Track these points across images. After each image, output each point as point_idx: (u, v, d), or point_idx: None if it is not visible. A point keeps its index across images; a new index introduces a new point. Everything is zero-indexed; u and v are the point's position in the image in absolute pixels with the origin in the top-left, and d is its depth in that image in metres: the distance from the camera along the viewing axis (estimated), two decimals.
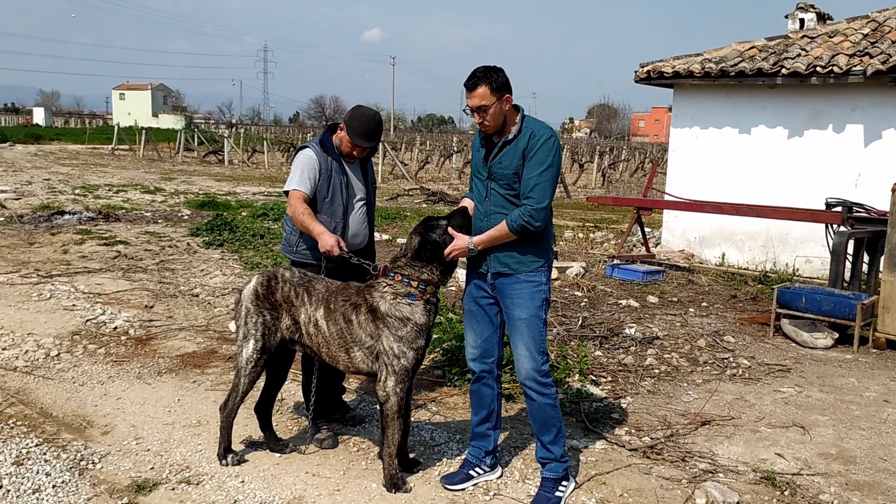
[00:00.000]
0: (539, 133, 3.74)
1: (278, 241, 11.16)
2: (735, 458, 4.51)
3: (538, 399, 3.88)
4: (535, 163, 3.70)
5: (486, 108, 3.69)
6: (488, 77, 3.67)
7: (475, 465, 4.11)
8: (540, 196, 3.69)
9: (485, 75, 3.68)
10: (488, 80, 3.67)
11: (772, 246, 10.64)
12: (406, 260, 3.91)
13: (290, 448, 4.39)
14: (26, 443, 4.34)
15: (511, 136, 3.77)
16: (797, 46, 10.69)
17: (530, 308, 3.82)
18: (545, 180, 3.70)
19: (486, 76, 3.68)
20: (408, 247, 3.95)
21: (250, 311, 4.05)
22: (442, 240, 3.86)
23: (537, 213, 3.69)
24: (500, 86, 3.69)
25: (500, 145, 3.79)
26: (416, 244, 3.90)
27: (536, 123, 3.81)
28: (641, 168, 34.46)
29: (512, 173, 3.75)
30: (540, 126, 3.79)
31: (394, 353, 3.84)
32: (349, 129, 4.40)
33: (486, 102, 3.68)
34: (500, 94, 3.70)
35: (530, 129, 3.76)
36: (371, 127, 4.41)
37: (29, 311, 7.11)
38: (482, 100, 3.68)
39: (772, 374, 6.17)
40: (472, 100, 3.71)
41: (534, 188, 3.69)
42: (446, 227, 3.88)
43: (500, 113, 3.73)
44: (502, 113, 3.74)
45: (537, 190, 3.69)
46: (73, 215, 13.33)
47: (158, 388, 5.35)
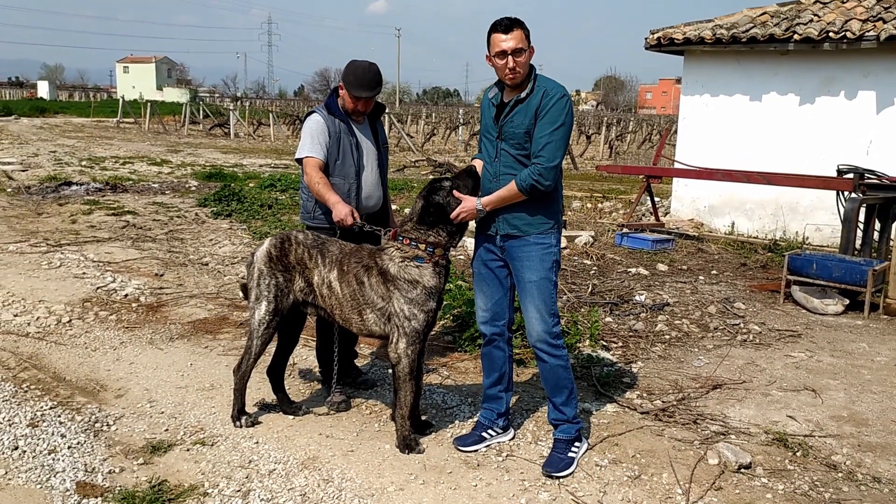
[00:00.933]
0: (552, 91, 3.68)
1: (286, 211, 11.16)
2: (747, 420, 4.51)
3: (550, 361, 3.87)
4: (547, 121, 3.65)
5: (522, 51, 3.62)
6: (521, 23, 3.63)
7: (487, 426, 4.12)
8: (551, 155, 3.64)
9: (520, 21, 3.63)
10: (522, 25, 3.63)
11: (782, 214, 10.58)
12: (412, 224, 3.89)
13: (304, 411, 4.42)
14: (41, 405, 4.37)
15: (524, 94, 3.71)
16: (809, 12, 10.53)
17: (540, 270, 3.79)
18: (557, 139, 3.65)
19: (519, 21, 3.63)
20: (413, 210, 3.93)
21: (263, 272, 4.05)
22: (446, 202, 3.81)
23: (547, 172, 3.64)
24: (529, 34, 3.66)
25: (512, 104, 3.73)
26: (420, 208, 3.87)
27: (549, 82, 3.75)
28: (649, 139, 34.24)
29: (523, 132, 3.70)
30: (553, 85, 3.74)
31: (405, 314, 3.83)
32: (346, 84, 4.36)
33: (523, 45, 3.63)
34: (529, 42, 3.66)
35: (543, 88, 3.70)
36: (367, 77, 4.36)
37: (39, 279, 7.13)
38: (519, 42, 3.61)
39: (782, 340, 6.16)
40: (510, 41, 3.61)
41: (545, 147, 3.64)
42: (450, 189, 3.83)
43: (527, 62, 3.68)
44: (528, 65, 3.69)
45: (548, 149, 3.64)
46: (80, 186, 13.33)
47: (171, 353, 5.37)
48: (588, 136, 31.27)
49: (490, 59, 3.73)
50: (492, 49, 3.68)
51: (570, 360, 4.01)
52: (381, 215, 4.69)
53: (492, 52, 3.69)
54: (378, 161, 4.61)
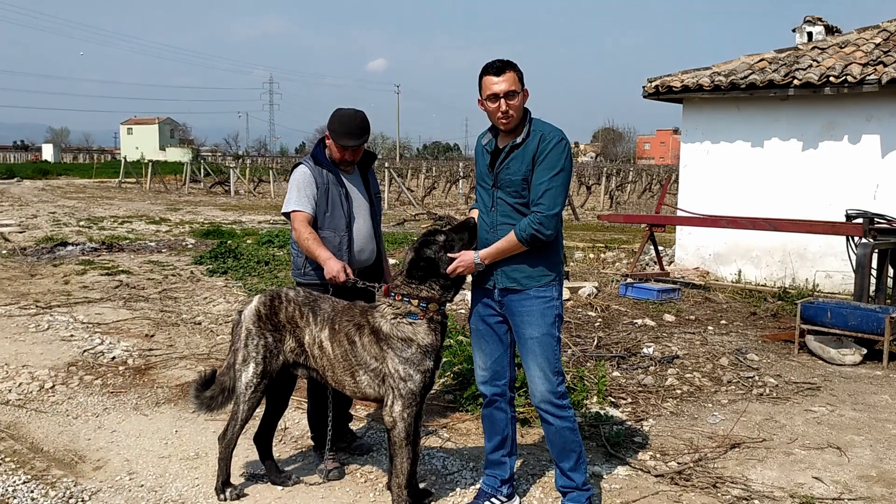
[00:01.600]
0: (549, 135, 3.49)
1: (283, 267, 10.95)
2: (770, 482, 4.21)
3: (555, 423, 3.60)
4: (545, 167, 3.45)
5: (515, 94, 3.45)
6: (514, 65, 3.48)
7: (491, 495, 3.82)
8: (551, 202, 3.43)
9: (510, 62, 3.48)
10: (515, 67, 3.48)
11: (790, 261, 10.35)
12: (402, 278, 3.66)
13: (293, 480, 4.12)
14: (13, 480, 4.08)
15: (519, 139, 3.51)
16: (808, 57, 10.49)
17: (542, 326, 3.55)
18: (557, 185, 3.45)
19: (511, 63, 3.48)
20: (403, 264, 3.71)
21: (251, 332, 3.80)
22: (437, 256, 3.59)
23: (548, 221, 3.43)
24: (522, 76, 3.51)
25: (508, 150, 3.53)
26: (409, 261, 3.65)
27: (546, 126, 3.56)
28: (649, 189, 34.25)
29: (521, 179, 3.49)
30: (550, 128, 3.54)
31: (399, 375, 3.58)
32: (332, 132, 4.19)
33: (516, 88, 3.46)
34: (522, 84, 3.51)
35: (540, 132, 3.51)
36: (353, 125, 4.17)
37: (25, 342, 6.88)
38: (512, 84, 3.45)
39: (801, 393, 5.86)
40: (501, 84, 3.44)
41: (544, 194, 3.43)
42: (443, 243, 3.61)
43: (521, 106, 3.51)
44: (521, 109, 3.52)
45: (548, 196, 3.43)
46: (75, 246, 13.16)
47: (156, 419, 5.09)
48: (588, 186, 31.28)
49: (482, 103, 3.55)
50: (483, 92, 3.50)
51: (577, 420, 3.74)
52: (376, 269, 4.47)
53: (483, 96, 3.51)
54: (370, 212, 4.40)
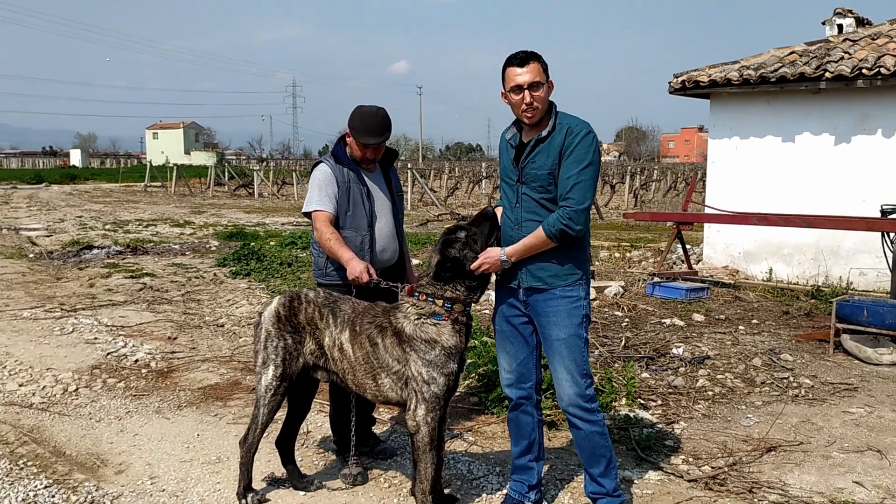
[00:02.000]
0: (577, 128, 3.37)
1: (306, 269, 10.91)
2: (808, 487, 4.04)
3: (584, 427, 3.49)
4: (573, 160, 3.32)
5: (539, 85, 3.33)
6: (538, 55, 3.37)
7: (518, 501, 3.71)
8: (580, 196, 3.30)
9: (537, 54, 3.37)
10: (539, 58, 3.36)
11: (823, 259, 10.10)
12: (428, 279, 3.56)
13: (316, 485, 4.03)
14: (35, 485, 4.04)
15: (545, 132, 3.39)
16: (839, 50, 10.23)
17: (569, 327, 3.43)
18: (585, 179, 3.32)
19: (535, 54, 3.37)
20: (429, 264, 3.60)
21: (271, 334, 3.72)
22: (462, 254, 3.48)
23: (578, 216, 3.30)
24: (547, 67, 3.39)
25: (533, 144, 3.41)
26: (436, 263, 3.54)
27: (572, 119, 3.44)
28: (674, 188, 33.85)
29: (546, 174, 3.37)
30: (577, 121, 3.43)
31: (423, 378, 3.47)
32: (353, 130, 4.10)
33: (541, 79, 3.34)
34: (547, 75, 3.38)
35: (566, 125, 3.39)
36: (375, 122, 4.08)
37: (49, 345, 6.88)
38: (536, 75, 3.33)
39: (837, 394, 5.67)
40: (525, 75, 3.33)
41: (573, 188, 3.31)
42: (466, 240, 3.51)
43: (546, 98, 3.39)
44: (546, 100, 3.40)
45: (577, 190, 3.31)
46: (101, 250, 13.25)
47: (178, 422, 5.03)
48: (612, 185, 30.98)
49: (505, 95, 3.43)
50: (507, 84, 3.39)
51: (606, 423, 3.61)
52: (398, 269, 4.37)
53: (507, 88, 3.39)
54: (393, 211, 4.30)
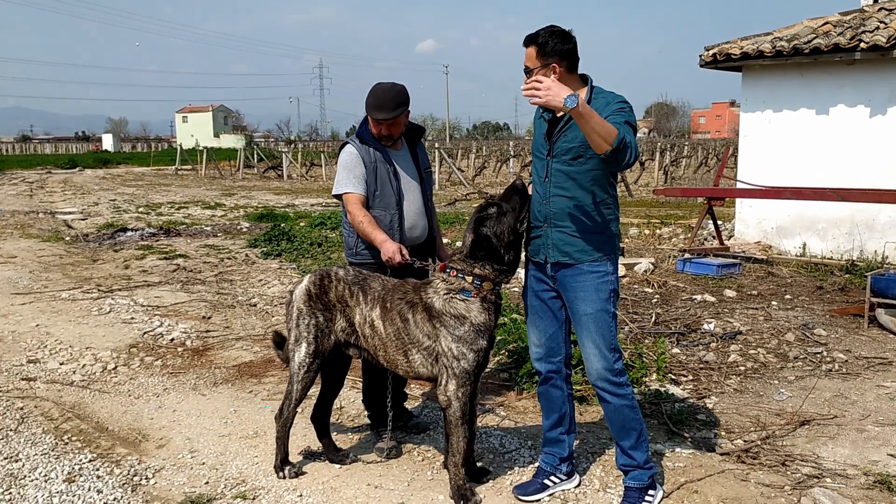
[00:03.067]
0: (612, 98, 3.36)
1: (336, 248, 11.00)
2: (842, 460, 4.03)
3: (613, 401, 3.51)
4: (615, 116, 3.22)
5: (528, 71, 3.36)
6: (542, 38, 3.33)
7: (550, 473, 3.74)
8: (627, 134, 3.12)
9: (538, 36, 3.34)
10: (539, 42, 3.33)
11: (857, 233, 9.93)
12: (460, 255, 3.59)
13: (351, 458, 4.11)
14: (80, 458, 4.17)
15: None
16: (875, 20, 9.99)
17: (596, 301, 3.43)
18: (628, 129, 3.19)
19: (539, 37, 3.34)
20: (464, 243, 3.63)
21: (302, 311, 3.79)
22: (494, 231, 3.50)
23: (624, 144, 3.08)
24: (549, 52, 3.31)
25: (568, 117, 3.37)
26: (472, 241, 3.56)
27: (607, 92, 3.42)
28: (705, 164, 33.41)
29: (579, 145, 3.34)
30: (612, 94, 3.41)
31: (453, 354, 3.51)
32: (367, 107, 4.12)
33: (530, 65, 3.36)
34: (546, 60, 3.32)
35: (603, 97, 3.37)
36: (386, 98, 4.08)
37: (88, 325, 7.04)
38: (527, 60, 3.37)
39: (872, 369, 5.62)
40: (525, 60, 3.38)
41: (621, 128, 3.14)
42: (497, 216, 3.51)
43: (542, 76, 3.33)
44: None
45: (624, 130, 3.14)
46: (135, 232, 13.47)
47: (214, 398, 5.15)
48: (642, 162, 30.64)
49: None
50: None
51: (636, 398, 3.62)
52: (428, 246, 4.40)
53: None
54: (421, 188, 4.32)
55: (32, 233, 13.76)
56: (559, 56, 3.32)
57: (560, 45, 3.32)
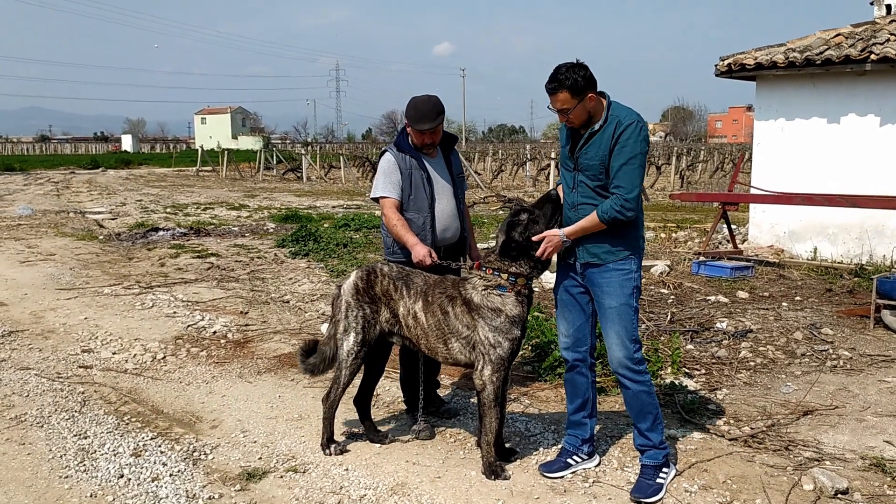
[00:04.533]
0: (625, 121, 3.70)
1: (361, 249, 11.42)
2: (841, 446, 4.38)
3: (632, 386, 3.87)
4: (622, 153, 3.66)
5: (567, 111, 3.70)
6: (569, 80, 3.64)
7: (573, 452, 4.12)
8: (630, 185, 3.67)
9: (566, 78, 3.65)
10: (567, 85, 3.64)
11: (867, 238, 10.24)
12: (495, 255, 3.99)
13: (390, 439, 4.51)
14: (142, 437, 4.58)
15: (597, 126, 3.75)
16: (886, 31, 10.30)
17: (620, 296, 3.81)
18: (634, 167, 3.68)
19: (566, 79, 3.64)
20: (497, 243, 4.02)
21: (351, 304, 4.18)
22: (523, 237, 3.90)
23: (628, 203, 3.66)
24: (581, 87, 3.65)
25: (587, 136, 3.78)
26: (501, 242, 3.96)
27: (622, 111, 3.77)
28: (721, 168, 33.60)
29: (598, 164, 3.73)
30: (626, 113, 3.75)
31: (489, 342, 3.91)
32: (409, 120, 4.50)
33: (568, 106, 3.69)
34: (581, 95, 3.67)
35: (616, 118, 3.71)
36: (426, 109, 4.46)
37: (134, 318, 7.48)
38: (563, 104, 3.69)
39: (875, 365, 5.95)
40: (554, 103, 3.72)
41: (623, 178, 3.67)
42: (528, 221, 3.91)
43: (583, 112, 3.72)
44: (586, 111, 3.73)
45: (626, 178, 3.66)
46: (166, 231, 13.94)
47: (259, 386, 5.56)
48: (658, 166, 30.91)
49: None
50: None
51: (653, 386, 3.99)
52: (460, 246, 4.79)
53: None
54: (454, 192, 4.71)
55: (66, 231, 14.28)
56: (589, 87, 3.68)
57: (585, 77, 3.67)
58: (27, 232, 14.15)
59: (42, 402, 5.15)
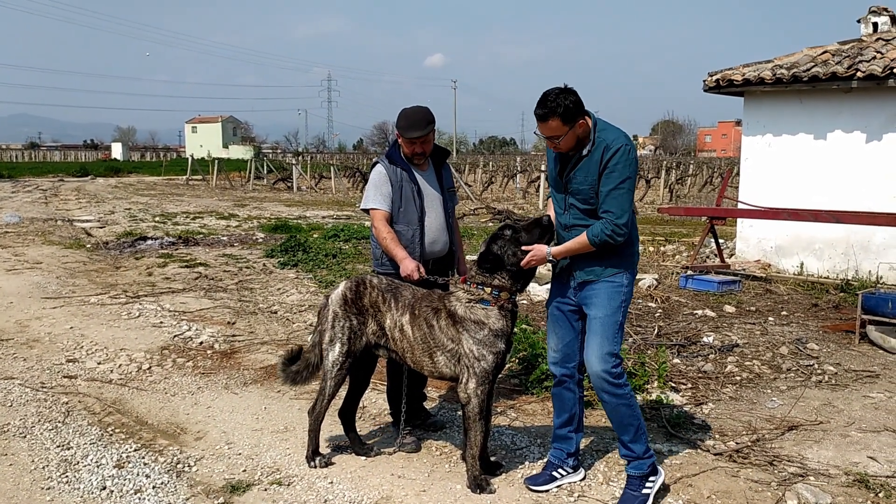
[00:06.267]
0: (613, 145, 3.66)
1: (350, 260, 11.40)
2: (826, 461, 4.40)
3: (610, 400, 3.82)
4: (611, 178, 3.65)
5: (558, 139, 3.68)
6: (559, 107, 3.59)
7: (558, 466, 4.12)
8: (619, 210, 3.65)
9: (557, 105, 3.59)
10: (559, 112, 3.60)
11: (853, 253, 10.32)
12: (476, 269, 4.00)
13: (375, 452, 4.49)
14: (126, 448, 4.55)
15: (585, 150, 3.71)
16: (872, 49, 10.42)
17: (606, 308, 3.79)
18: (623, 192, 3.66)
19: (558, 106, 3.59)
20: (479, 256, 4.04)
21: (338, 315, 4.18)
22: (503, 251, 3.91)
23: (618, 228, 3.65)
24: (572, 114, 3.62)
25: (574, 161, 3.76)
26: (481, 253, 3.99)
27: (610, 133, 3.71)
28: (710, 182, 33.81)
29: (587, 188, 3.72)
30: (613, 136, 3.70)
31: (474, 355, 3.91)
32: (399, 129, 4.52)
33: (559, 133, 3.65)
34: (572, 122, 3.63)
35: (604, 143, 3.67)
36: (416, 118, 4.48)
37: (120, 328, 7.44)
38: (554, 131, 3.65)
39: (859, 381, 5.99)
40: (544, 130, 3.68)
41: (613, 202, 3.65)
42: (510, 237, 3.93)
43: (572, 138, 3.69)
44: (575, 136, 3.70)
45: (616, 203, 3.64)
46: (154, 241, 13.89)
47: (245, 397, 5.53)
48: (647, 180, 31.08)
49: None
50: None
51: (636, 399, 3.95)
52: (449, 259, 4.80)
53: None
54: (444, 206, 4.72)
55: (54, 240, 14.20)
56: (580, 114, 3.64)
57: (573, 103, 3.61)
58: (14, 240, 14.07)
59: (25, 412, 5.11)
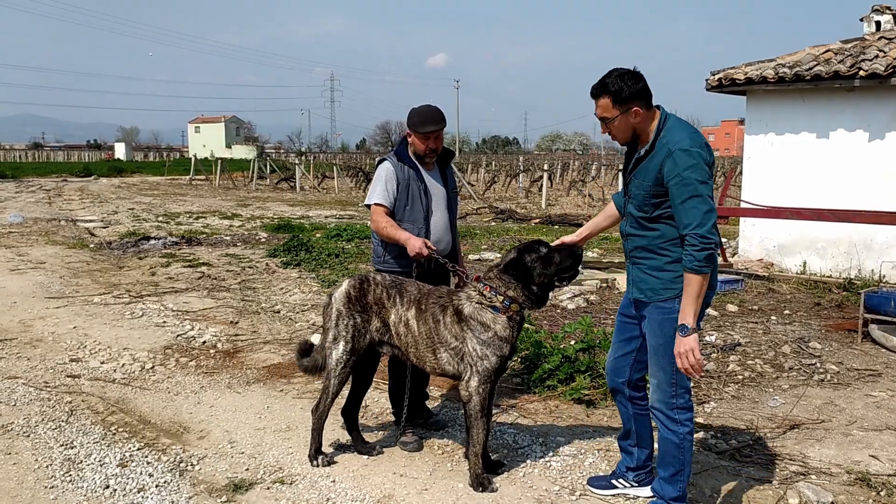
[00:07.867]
0: (674, 148, 3.29)
1: (353, 259, 11.41)
2: (827, 460, 4.41)
3: (662, 431, 3.57)
4: (678, 189, 3.26)
5: (607, 120, 3.41)
6: (614, 86, 3.33)
7: (619, 476, 3.98)
8: (698, 220, 3.22)
9: (611, 83, 3.34)
10: (611, 90, 3.34)
11: (856, 252, 10.31)
12: (497, 272, 3.98)
13: (377, 450, 4.50)
14: (129, 447, 4.57)
15: (643, 151, 3.41)
16: (874, 48, 10.39)
17: (661, 336, 3.47)
18: (697, 202, 3.24)
19: (611, 85, 3.34)
20: (503, 259, 4.03)
21: (342, 313, 4.19)
22: (533, 265, 3.87)
23: (707, 239, 3.21)
24: (626, 97, 3.33)
25: (635, 161, 3.46)
26: (509, 259, 3.95)
27: (675, 134, 3.34)
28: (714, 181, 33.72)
29: (644, 194, 3.40)
30: (679, 138, 3.32)
31: (477, 354, 3.91)
32: (413, 126, 4.53)
33: (608, 115, 3.39)
34: (624, 105, 3.34)
35: (665, 147, 3.31)
36: (430, 113, 4.52)
37: (123, 328, 7.46)
38: (604, 111, 3.39)
39: (862, 379, 5.99)
40: (596, 109, 3.42)
41: (688, 214, 3.25)
42: (544, 255, 3.88)
43: (626, 125, 3.41)
44: (630, 126, 3.41)
45: (690, 214, 3.24)
46: (157, 240, 13.91)
47: (248, 396, 5.55)
48: None
49: None
50: None
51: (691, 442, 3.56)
52: (450, 257, 4.81)
53: None
54: (448, 206, 4.74)
55: (57, 240, 14.24)
56: (635, 98, 3.34)
57: (634, 87, 3.34)
58: (17, 240, 14.11)
59: (29, 411, 5.13)
